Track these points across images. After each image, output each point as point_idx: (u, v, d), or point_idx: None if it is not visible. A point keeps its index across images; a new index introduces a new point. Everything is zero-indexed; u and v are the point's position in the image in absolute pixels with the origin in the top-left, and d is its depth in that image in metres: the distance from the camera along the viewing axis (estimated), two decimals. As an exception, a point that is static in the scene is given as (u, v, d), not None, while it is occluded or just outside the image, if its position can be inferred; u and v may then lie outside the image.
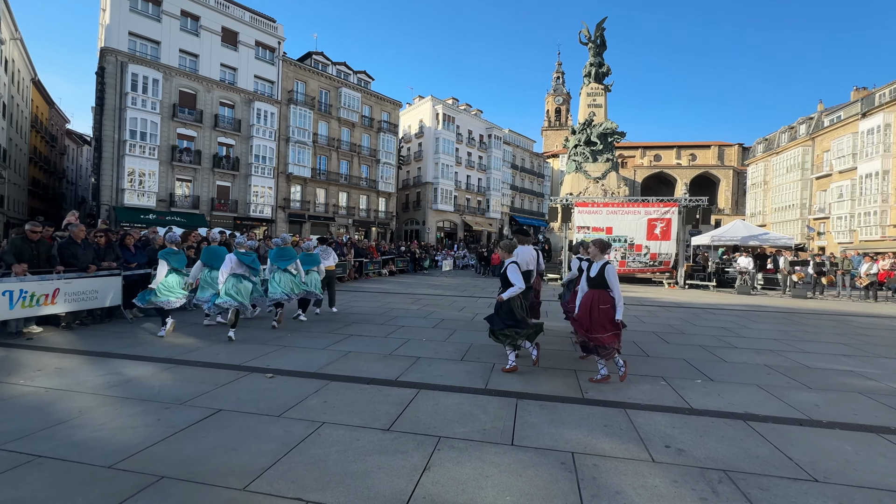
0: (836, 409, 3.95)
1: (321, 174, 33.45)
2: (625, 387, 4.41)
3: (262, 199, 29.55)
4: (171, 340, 6.09)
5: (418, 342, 6.26)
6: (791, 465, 2.85)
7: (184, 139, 26.61)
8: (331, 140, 34.03)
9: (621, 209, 16.72)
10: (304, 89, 32.50)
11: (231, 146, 28.53)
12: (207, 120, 27.35)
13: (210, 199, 27.48)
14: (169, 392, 3.97)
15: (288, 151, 31.02)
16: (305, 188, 32.39)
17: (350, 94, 35.09)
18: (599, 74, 23.14)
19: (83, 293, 6.81)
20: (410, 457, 2.84)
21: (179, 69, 26.31)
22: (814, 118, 38.52)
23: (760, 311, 10.59)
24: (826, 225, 34.74)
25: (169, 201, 25.70)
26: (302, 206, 32.13)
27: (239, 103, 28.80)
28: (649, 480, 2.63)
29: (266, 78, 30.50)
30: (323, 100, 33.83)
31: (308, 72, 32.80)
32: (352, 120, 35.29)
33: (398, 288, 14.30)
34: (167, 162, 25.67)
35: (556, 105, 78.11)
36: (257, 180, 29.16)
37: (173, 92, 25.98)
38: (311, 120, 32.06)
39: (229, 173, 28.24)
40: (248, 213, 28.91)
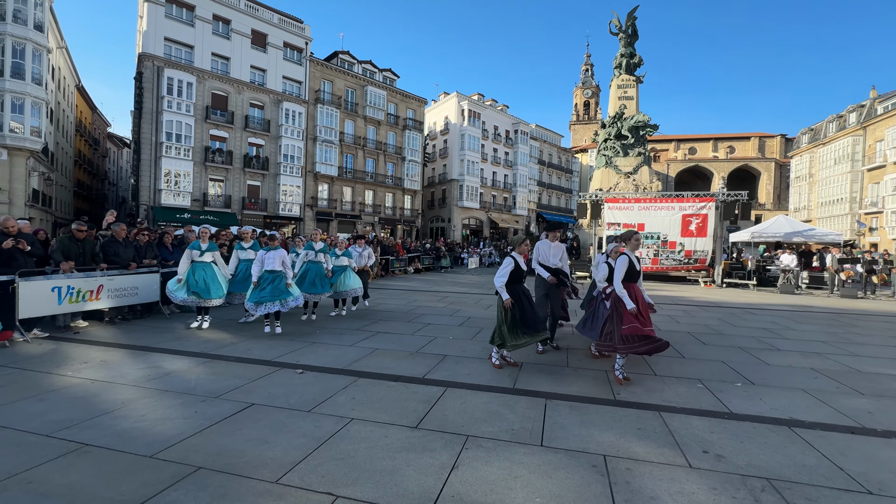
0: (891, 416, 3.72)
1: (347, 172, 33.98)
2: (659, 389, 4.29)
3: (291, 198, 30.28)
4: (205, 335, 6.33)
5: (445, 340, 6.28)
6: (842, 476, 2.71)
7: (216, 140, 27.55)
8: (357, 138, 34.51)
9: (654, 205, 16.23)
10: (331, 88, 33.06)
11: (261, 146, 29.35)
12: (238, 121, 28.22)
13: (241, 199, 28.38)
14: (204, 386, 4.13)
15: (315, 150, 31.66)
16: (332, 186, 32.99)
17: (376, 93, 35.46)
18: (631, 65, 22.52)
19: (124, 289, 7.17)
20: (438, 455, 2.86)
21: (212, 72, 27.23)
22: (865, 106, 36.27)
23: (806, 312, 10.08)
24: (879, 220, 32.72)
25: (202, 201, 26.69)
26: (329, 204, 32.75)
27: (268, 104, 29.57)
28: (686, 486, 2.55)
29: (294, 78, 31.19)
30: (349, 98, 34.31)
31: (334, 71, 33.34)
32: (377, 118, 35.66)
33: (424, 286, 14.38)
34: (201, 162, 26.65)
35: (585, 98, 76.51)
36: (286, 179, 29.91)
37: (206, 94, 26.93)
38: (337, 119, 32.60)
39: (259, 173, 29.07)
40: (278, 212, 29.69)
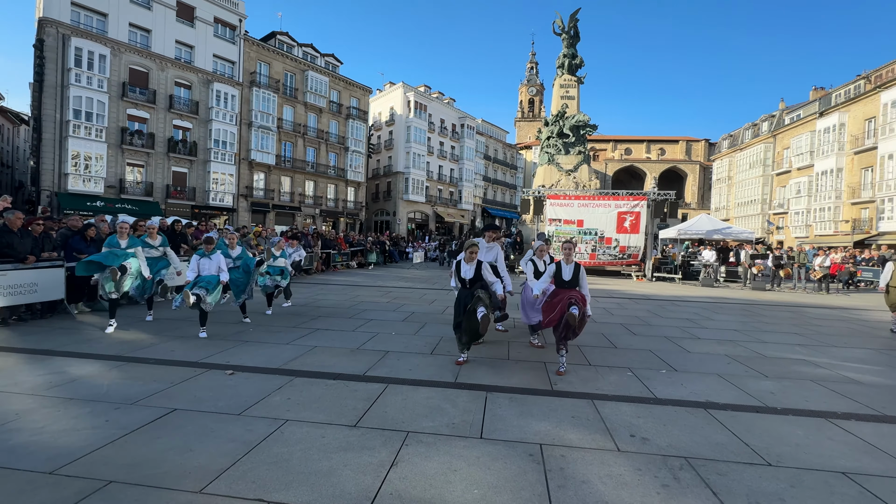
0: (789, 396, 4.21)
1: (286, 161, 32.55)
2: (593, 378, 4.54)
3: (223, 187, 28.49)
4: (120, 336, 5.81)
5: (387, 336, 6.23)
6: (747, 451, 3.02)
7: (135, 121, 25.23)
8: (297, 126, 33.12)
9: (592, 202, 17.11)
10: (268, 71, 31.40)
11: (188, 130, 27.29)
12: (161, 101, 26.03)
13: (165, 186, 26.26)
14: (118, 391, 3.80)
15: (251, 137, 29.98)
16: (269, 176, 31.45)
17: (317, 78, 34.18)
18: (573, 66, 23.45)
19: (20, 286, 6.40)
20: (378, 453, 2.84)
21: (129, 45, 24.84)
22: (776, 116, 40.49)
23: (723, 303, 11.12)
24: (785, 220, 36.76)
25: (119, 187, 24.38)
26: (266, 194, 31.20)
27: (196, 84, 27.53)
28: (614, 469, 2.73)
29: (226, 58, 29.26)
30: (288, 83, 32.80)
31: (272, 53, 31.69)
32: (319, 105, 34.43)
33: (367, 280, 14.16)
34: (116, 145, 24.30)
35: (530, 96, 78.77)
36: (217, 167, 28.07)
37: (123, 69, 24.54)
38: (275, 104, 31.06)
39: (186, 158, 27.04)
40: (208, 202, 27.83)
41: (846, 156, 30.30)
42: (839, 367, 5.30)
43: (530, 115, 77.57)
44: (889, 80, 26.88)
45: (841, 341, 6.89)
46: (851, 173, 29.93)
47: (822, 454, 3.02)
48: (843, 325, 8.54)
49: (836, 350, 6.26)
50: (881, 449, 3.12)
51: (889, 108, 26.13)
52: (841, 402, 4.09)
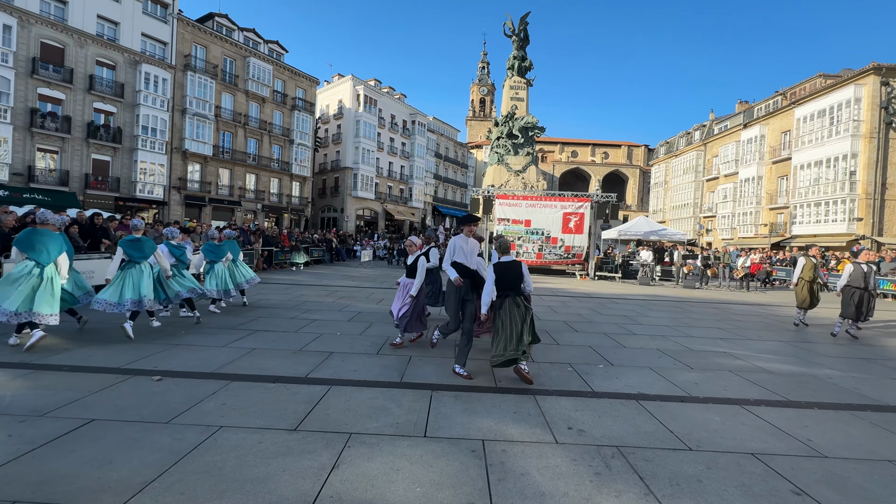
0: (710, 385, 4.62)
1: (225, 153, 30.87)
2: (536, 374, 4.72)
3: (152, 178, 26.52)
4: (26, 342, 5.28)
5: (332, 336, 6.13)
6: (672, 438, 3.29)
7: (47, 101, 22.87)
8: (237, 115, 31.49)
9: (539, 202, 17.71)
10: (205, 55, 29.60)
11: (111, 114, 25.12)
12: (80, 81, 23.78)
13: (83, 175, 24.03)
14: (24, 402, 3.46)
15: (184, 125, 28.12)
16: (206, 168, 29.68)
17: (260, 66, 32.69)
18: (522, 68, 24.12)
19: None
20: (318, 456, 2.80)
21: (41, 16, 22.47)
22: (706, 126, 43.89)
23: (657, 301, 11.93)
24: (713, 222, 39.95)
25: (27, 175, 22.01)
26: (202, 187, 29.43)
27: (122, 64, 25.41)
28: (552, 461, 2.87)
29: (157, 38, 27.24)
30: (227, 69, 31.10)
31: (209, 35, 29.89)
32: (262, 94, 32.95)
33: (312, 279, 13.79)
34: (24, 128, 21.92)
35: (481, 95, 79.95)
36: (145, 156, 26.08)
37: (32, 43, 22.15)
38: (212, 91, 29.34)
39: (109, 146, 24.89)
40: (134, 194, 25.80)
41: (766, 165, 33.45)
42: (754, 359, 5.87)
43: (481, 114, 78.77)
44: (801, 97, 29.98)
45: (756, 335, 7.63)
46: (770, 181, 33.09)
47: (736, 438, 3.34)
48: (759, 319, 9.46)
49: (752, 343, 6.93)
50: (785, 431, 3.50)
51: (801, 123, 29.16)
52: (754, 390, 4.54)
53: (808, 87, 31.39)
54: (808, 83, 31.74)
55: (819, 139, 27.52)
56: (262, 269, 15.73)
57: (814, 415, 3.92)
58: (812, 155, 28.01)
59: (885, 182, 24.88)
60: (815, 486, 2.70)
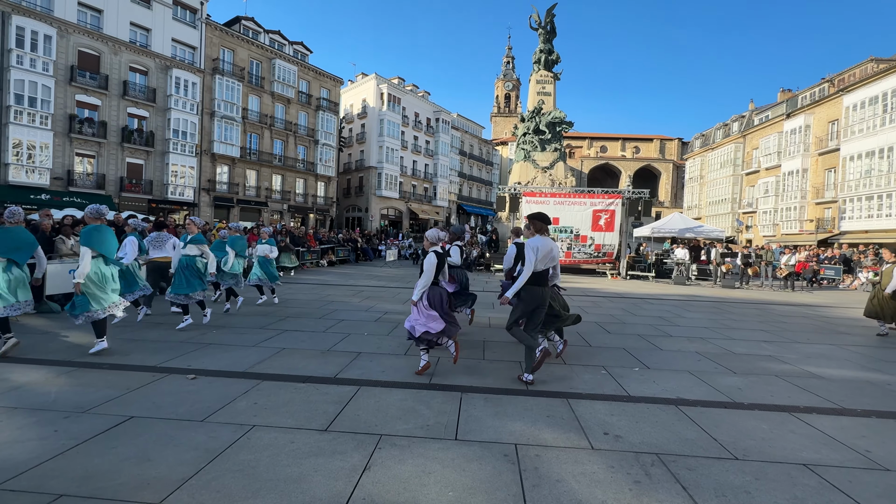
0: (755, 391, 4.43)
1: (252, 154, 31.75)
2: (568, 377, 4.65)
3: (183, 180, 27.54)
4: (71, 340, 5.56)
5: (359, 337, 6.19)
6: (715, 446, 3.17)
7: (85, 108, 24.05)
8: (263, 117, 32.33)
9: (568, 200, 17.43)
10: (232, 58, 30.51)
11: (144, 118, 26.22)
12: (115, 87, 24.90)
13: (118, 179, 25.17)
14: (68, 399, 3.64)
15: (213, 127, 29.07)
16: (234, 169, 30.60)
17: (285, 67, 33.45)
18: (549, 62, 23.79)
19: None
20: (350, 457, 2.83)
21: (78, 25, 23.64)
22: (745, 116, 42.24)
23: (694, 301, 11.56)
24: (753, 219, 38.43)
25: (67, 179, 23.21)
26: (230, 188, 30.37)
27: (153, 70, 26.47)
28: (588, 467, 2.81)
29: (186, 43, 28.25)
30: (254, 71, 31.96)
31: (236, 39, 30.79)
32: (287, 95, 33.71)
33: (338, 279, 14.01)
34: (64, 133, 23.12)
35: (506, 91, 79.37)
36: (176, 158, 27.10)
37: (70, 51, 23.34)
38: (239, 93, 30.22)
39: (142, 149, 25.99)
40: (166, 196, 26.85)
41: (811, 157, 31.93)
42: (802, 363, 5.61)
43: (506, 110, 78.20)
44: (850, 84, 28.47)
45: (804, 337, 7.28)
46: (816, 174, 31.57)
47: (786, 447, 3.19)
48: (807, 321, 9.02)
49: (800, 346, 6.62)
50: (839, 441, 3.32)
51: (850, 112, 27.68)
52: (803, 396, 4.33)
53: (857, 73, 29.77)
54: (858, 69, 30.09)
55: (871, 128, 26.06)
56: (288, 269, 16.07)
57: (872, 424, 3.70)
58: (863, 145, 26.55)
59: (946, 173, 23.34)
60: (877, 500, 2.55)
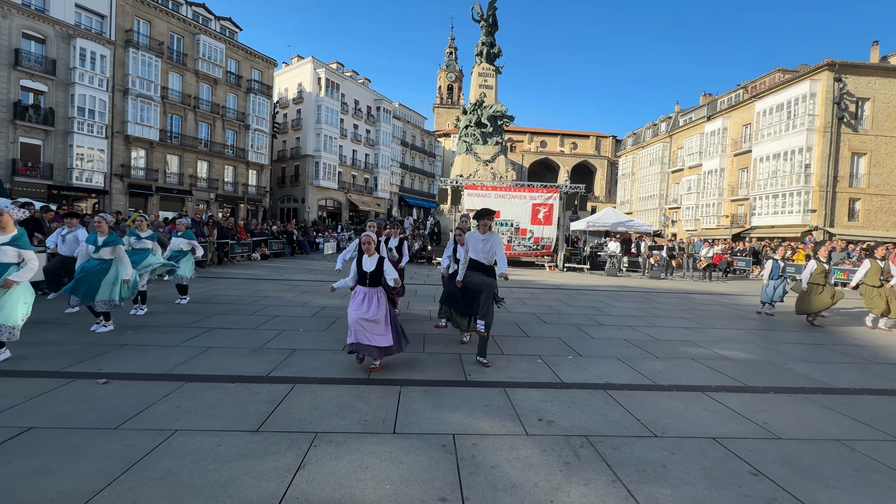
0: (674, 374, 4.86)
1: (173, 138, 29.46)
2: (506, 367, 4.83)
3: (90, 164, 24.99)
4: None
5: (294, 333, 6.02)
6: (638, 425, 3.45)
7: (-35, 78, 21.07)
8: (186, 97, 30.06)
9: (509, 193, 17.91)
10: (149, 31, 28.01)
11: (42, 93, 23.43)
12: (4, 56, 22.01)
13: (10, 161, 22.36)
14: (-51, 412, 3.23)
15: (127, 106, 26.58)
16: (152, 153, 28.23)
17: (211, 44, 31.27)
18: (491, 55, 24.15)
19: None
20: (283, 457, 2.77)
21: (-45, -19, 20.60)
22: (672, 117, 45.50)
23: (624, 291, 12.37)
24: (678, 214, 41.62)
25: (-57, 160, 20.28)
26: (148, 175, 27.99)
27: (53, 38, 23.68)
28: (522, 452, 2.96)
29: (93, 10, 25.52)
30: (175, 47, 29.58)
31: (153, 9, 28.27)
32: (214, 75, 31.56)
33: (271, 273, 13.46)
34: (-62, 106, 20.13)
35: (449, 82, 79.63)
36: (82, 139, 24.51)
37: (-54, 11, 20.29)
38: (158, 70, 27.85)
39: (39, 128, 23.24)
40: (70, 181, 24.24)
41: (728, 157, 35.07)
42: (714, 346, 6.21)
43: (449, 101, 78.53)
44: (761, 91, 31.54)
45: (717, 323, 8.06)
46: (731, 173, 34.74)
47: (698, 423, 3.54)
48: (720, 308, 9.99)
49: (713, 331, 7.32)
50: (743, 415, 3.74)
51: (761, 117, 30.70)
52: (715, 377, 4.81)
53: (767, 82, 33.03)
54: (768, 77, 33.40)
55: (777, 133, 29.09)
56: (217, 262, 15.19)
57: (770, 399, 4.20)
58: (770, 148, 29.59)
59: (836, 175, 26.62)
60: (771, 466, 2.91)
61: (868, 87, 26.52)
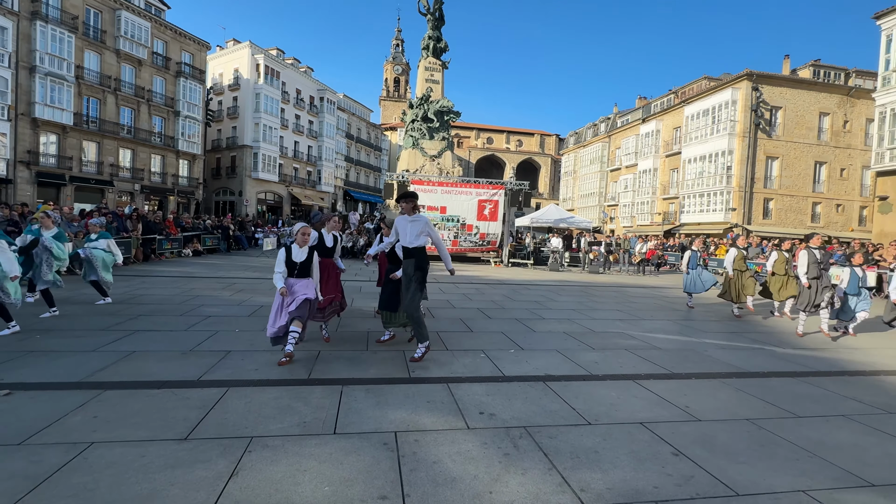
0: (608, 364, 5.15)
1: (91, 122, 27.00)
2: (449, 362, 4.89)
3: (-10, 150, 22.39)
4: None
5: (229, 333, 5.75)
6: (574, 415, 3.63)
7: None
8: (105, 78, 27.61)
9: (455, 189, 18.08)
10: (60, 3, 25.41)
11: (-74, 66, 20.65)
12: None
13: None
14: None
15: (33, 86, 23.99)
16: (65, 139, 25.70)
17: (134, 21, 28.90)
18: (437, 49, 24.19)
19: None
20: (214, 465, 2.65)
21: None
22: (611, 118, 47.84)
23: (565, 285, 12.89)
24: (616, 211, 43.93)
25: None
26: (60, 163, 25.47)
27: (-60, 4, 20.90)
28: (463, 446, 3.02)
29: (-9, -25, 22.78)
30: (92, 22, 27.05)
31: (66, -21, 25.68)
32: (138, 56, 29.22)
33: (205, 271, 12.75)
34: None
35: (396, 74, 78.77)
36: (-21, 122, 21.90)
37: None
38: (71, 46, 25.35)
39: (-76, 107, 20.48)
40: (-36, 168, 21.61)
41: (660, 158, 37.45)
42: (645, 336, 6.65)
43: (396, 94, 77.73)
44: (690, 96, 33.91)
45: (648, 314, 8.62)
46: (664, 173, 37.14)
47: (628, 410, 3.79)
48: (651, 300, 10.68)
49: (644, 322, 7.83)
50: (668, 400, 4.04)
51: (689, 121, 33.04)
52: (644, 365, 5.16)
53: (695, 88, 35.56)
54: (695, 84, 35.96)
55: (703, 136, 31.43)
56: (141, 259, 14.16)
57: (692, 384, 4.57)
58: (697, 150, 31.94)
59: (753, 177, 29.22)
60: (690, 446, 3.17)
61: (780, 97, 29.27)
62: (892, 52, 20.42)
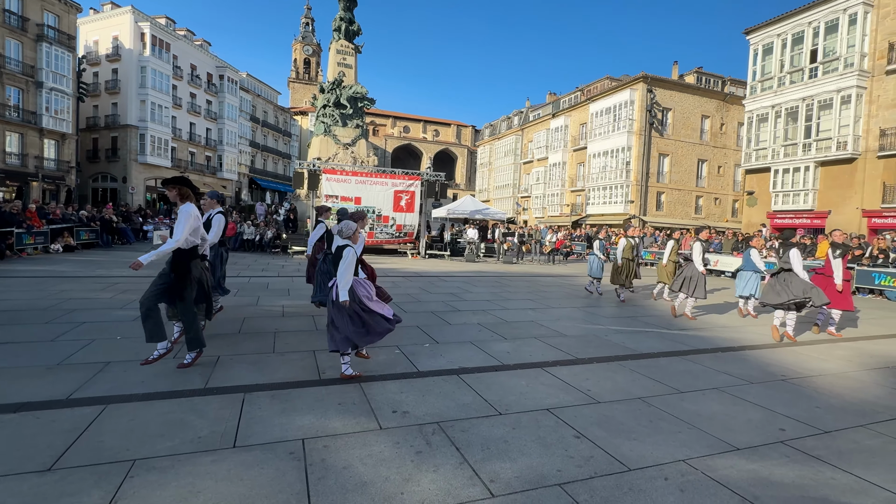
0: (519, 353, 5.40)
1: (-82, 90, 22.36)
2: (362, 361, 4.81)
3: None
4: None
5: (109, 342, 5.13)
6: (486, 406, 3.76)
7: None
8: (-63, 37, 22.98)
9: (370, 179, 17.75)
10: None
11: None
12: None
13: None
14: None
15: None
16: None
17: (-23, -29, 24.32)
18: (350, 32, 23.42)
19: None
20: (85, 497, 2.35)
21: None
22: (524, 112, 49.88)
23: (480, 276, 13.29)
24: (528, 202, 46.08)
25: None
26: None
27: None
28: (375, 448, 2.99)
29: None
30: (-85, -34, 22.28)
31: None
32: (-17, 12, 24.70)
33: (79, 269, 11.25)
34: None
35: (306, 55, 74.97)
36: None
37: None
38: None
39: None
40: None
41: (568, 152, 39.86)
42: (553, 324, 7.08)
43: (306, 76, 74.08)
44: (594, 95, 36.43)
45: (556, 303, 9.19)
46: (572, 167, 39.62)
47: (536, 397, 4.00)
48: (560, 289, 11.40)
49: (553, 310, 8.33)
50: (572, 385, 4.34)
51: (594, 118, 35.53)
52: (552, 352, 5.49)
53: (598, 87, 38.23)
54: (599, 83, 38.67)
55: (606, 133, 34.00)
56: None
57: (593, 368, 4.95)
58: (601, 146, 34.49)
59: (648, 172, 32.26)
60: (591, 427, 3.43)
61: (670, 99, 32.52)
62: (758, 65, 23.59)
